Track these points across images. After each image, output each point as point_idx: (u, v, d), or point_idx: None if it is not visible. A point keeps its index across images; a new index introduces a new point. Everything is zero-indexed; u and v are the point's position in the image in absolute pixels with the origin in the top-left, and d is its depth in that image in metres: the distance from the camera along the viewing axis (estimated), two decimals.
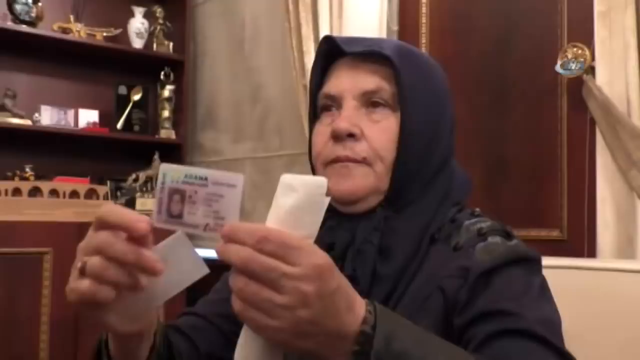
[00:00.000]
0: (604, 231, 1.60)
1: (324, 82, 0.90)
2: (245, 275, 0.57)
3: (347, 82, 0.86)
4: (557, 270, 1.39)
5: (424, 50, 2.19)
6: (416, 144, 0.84)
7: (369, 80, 0.85)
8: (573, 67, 1.70)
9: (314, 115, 0.92)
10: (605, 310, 1.29)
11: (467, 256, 0.79)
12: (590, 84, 1.64)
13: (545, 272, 1.39)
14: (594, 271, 1.37)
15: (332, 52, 0.89)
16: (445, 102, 0.89)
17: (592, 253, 1.69)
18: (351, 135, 0.83)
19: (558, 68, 1.70)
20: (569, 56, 1.70)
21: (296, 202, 0.60)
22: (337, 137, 0.84)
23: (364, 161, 0.83)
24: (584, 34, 1.72)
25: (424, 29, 2.22)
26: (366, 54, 0.86)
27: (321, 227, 0.85)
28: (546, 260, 1.42)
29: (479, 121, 2.03)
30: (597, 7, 1.63)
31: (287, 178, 0.61)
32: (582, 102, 1.70)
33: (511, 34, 1.99)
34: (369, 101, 0.85)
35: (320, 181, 0.62)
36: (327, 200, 0.62)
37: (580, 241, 1.77)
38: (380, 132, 0.84)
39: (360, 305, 0.61)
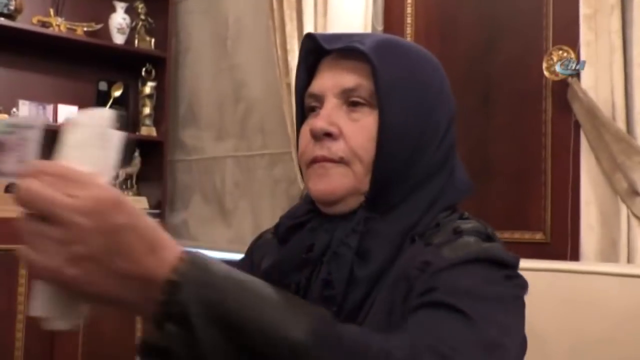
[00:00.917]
0: (588, 234, 1.60)
1: (311, 81, 0.88)
2: (27, 208, 0.53)
3: (328, 80, 0.85)
4: (540, 273, 1.39)
5: None
6: (397, 144, 0.81)
7: (348, 77, 0.83)
8: (558, 71, 1.70)
9: (302, 115, 0.89)
10: (588, 313, 1.29)
11: (435, 252, 0.77)
12: (575, 87, 1.63)
13: (528, 274, 1.38)
14: (577, 274, 1.37)
15: (317, 50, 0.87)
16: (436, 99, 0.85)
17: (575, 256, 1.69)
18: (328, 135, 0.82)
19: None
20: (555, 59, 1.70)
21: (80, 135, 0.57)
22: (315, 136, 0.82)
23: (341, 161, 0.81)
24: (570, 36, 1.71)
25: (409, 30, 2.21)
26: (347, 50, 0.84)
27: (303, 228, 0.85)
28: (529, 263, 1.42)
29: (463, 123, 2.02)
30: (583, 10, 1.62)
31: (73, 117, 0.58)
32: (567, 105, 1.69)
33: (497, 36, 1.99)
34: (350, 99, 0.83)
35: (104, 112, 0.58)
36: (119, 133, 0.58)
37: (563, 244, 1.76)
38: (359, 131, 0.82)
39: (171, 252, 0.56)
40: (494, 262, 0.75)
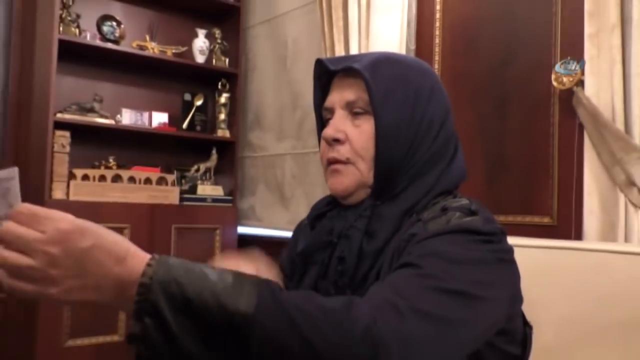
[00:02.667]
0: (590, 218, 1.54)
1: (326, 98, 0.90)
2: (4, 245, 0.56)
3: (336, 95, 0.86)
4: (548, 250, 1.36)
5: (436, 66, 2.15)
6: (392, 143, 0.81)
7: (350, 92, 0.84)
8: (565, 81, 1.65)
9: (322, 126, 0.91)
10: (589, 283, 1.26)
11: (421, 226, 0.76)
12: (580, 95, 1.58)
13: (537, 252, 1.36)
14: (580, 251, 1.34)
15: (328, 71, 0.89)
16: (427, 101, 0.84)
17: (578, 237, 1.64)
18: (337, 140, 0.83)
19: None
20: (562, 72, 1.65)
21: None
22: (327, 142, 0.85)
23: (348, 161, 0.83)
24: (575, 52, 1.66)
25: (437, 49, 2.18)
26: (347, 70, 0.85)
27: (325, 217, 0.89)
28: (539, 242, 1.40)
29: (483, 125, 1.99)
30: (588, 29, 1.57)
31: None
32: (572, 110, 1.64)
33: (511, 52, 1.94)
34: (353, 109, 0.84)
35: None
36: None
37: (568, 226, 1.72)
38: (360, 134, 0.83)
39: (138, 260, 0.58)
40: (470, 231, 0.73)
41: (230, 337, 0.56)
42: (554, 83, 1.67)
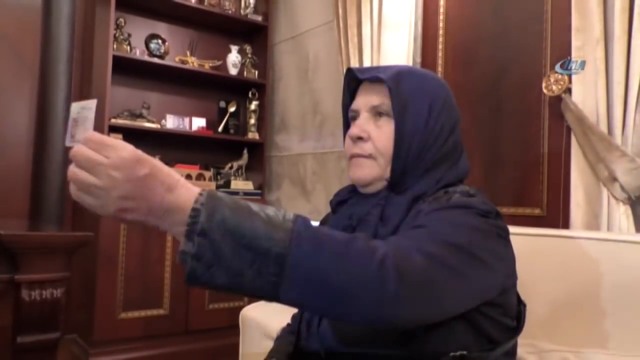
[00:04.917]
0: (576, 210, 1.53)
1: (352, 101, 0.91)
2: (76, 165, 0.57)
3: (362, 99, 0.87)
4: (538, 238, 1.35)
5: (440, 75, 2.14)
6: (408, 143, 0.82)
7: (374, 97, 0.85)
8: (554, 89, 1.63)
9: (347, 124, 0.92)
10: (575, 269, 1.25)
11: (426, 204, 0.77)
12: (567, 101, 1.56)
13: (529, 239, 1.35)
14: (566, 239, 1.32)
15: (356, 78, 0.90)
16: (440, 110, 0.84)
17: (565, 227, 1.62)
18: (361, 138, 0.84)
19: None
20: (552, 80, 1.63)
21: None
22: (352, 139, 0.85)
23: (370, 156, 0.84)
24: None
25: (440, 61, 2.16)
26: (373, 78, 0.86)
27: (347, 203, 0.89)
28: (530, 230, 1.39)
29: (481, 128, 1.98)
30: (574, 43, 1.55)
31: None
32: (560, 114, 1.62)
33: (506, 63, 1.92)
34: (376, 112, 0.85)
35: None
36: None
37: (556, 217, 1.70)
38: (382, 134, 0.83)
39: (186, 191, 0.58)
40: (468, 207, 0.74)
41: (268, 260, 0.56)
42: (544, 90, 1.65)
